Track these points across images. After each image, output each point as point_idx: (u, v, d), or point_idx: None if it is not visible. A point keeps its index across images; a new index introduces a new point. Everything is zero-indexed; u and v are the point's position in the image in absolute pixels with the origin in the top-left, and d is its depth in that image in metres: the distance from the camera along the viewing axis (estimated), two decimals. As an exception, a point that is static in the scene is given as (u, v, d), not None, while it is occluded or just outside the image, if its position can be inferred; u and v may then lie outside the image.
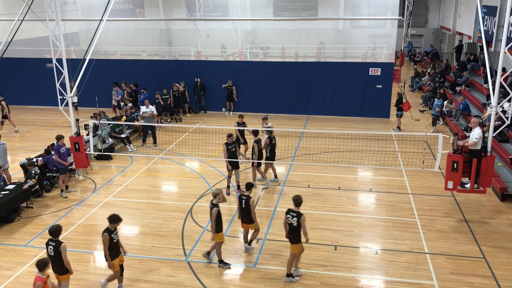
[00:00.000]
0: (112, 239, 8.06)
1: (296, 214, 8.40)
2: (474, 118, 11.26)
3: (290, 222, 8.48)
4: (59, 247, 7.66)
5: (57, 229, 7.79)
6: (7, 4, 28.51)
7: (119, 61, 24.78)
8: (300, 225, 8.39)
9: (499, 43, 13.89)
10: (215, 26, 30.22)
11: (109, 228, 8.09)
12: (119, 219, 8.14)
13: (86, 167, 13.81)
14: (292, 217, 8.44)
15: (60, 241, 7.76)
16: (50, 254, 7.75)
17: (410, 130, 18.57)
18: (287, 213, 8.54)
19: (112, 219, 8.10)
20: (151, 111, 17.26)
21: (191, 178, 14.17)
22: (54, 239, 7.76)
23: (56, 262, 7.75)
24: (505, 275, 9.00)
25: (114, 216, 8.14)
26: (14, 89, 23.64)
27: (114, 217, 8.13)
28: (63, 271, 7.82)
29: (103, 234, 8.02)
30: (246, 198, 9.33)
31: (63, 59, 13.44)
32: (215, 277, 9.08)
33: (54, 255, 7.72)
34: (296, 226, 8.42)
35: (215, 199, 8.99)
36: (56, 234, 7.75)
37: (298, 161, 15.27)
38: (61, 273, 7.83)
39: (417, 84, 27.23)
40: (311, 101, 21.43)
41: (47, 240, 7.83)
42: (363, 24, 31.82)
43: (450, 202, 12.20)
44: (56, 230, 7.77)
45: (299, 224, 8.38)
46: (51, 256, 7.76)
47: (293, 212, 8.45)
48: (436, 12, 38.12)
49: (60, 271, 7.82)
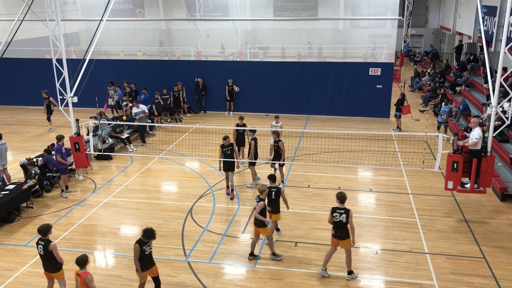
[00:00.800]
0: (143, 251, 7.77)
1: (344, 210, 8.53)
2: (474, 118, 11.26)
3: (338, 219, 8.55)
4: (48, 246, 7.66)
5: (46, 228, 7.75)
6: (7, 4, 28.53)
7: (119, 61, 24.78)
8: (348, 222, 8.54)
9: (499, 43, 13.89)
10: (215, 26, 30.24)
11: (142, 240, 7.78)
12: (153, 236, 7.78)
13: (86, 167, 13.82)
14: (340, 214, 8.53)
15: (49, 240, 7.75)
16: (40, 253, 7.79)
17: (410, 130, 18.57)
18: (333, 212, 8.60)
19: (146, 234, 7.73)
20: (143, 110, 17.34)
21: (191, 178, 14.17)
22: (43, 238, 7.74)
23: (47, 260, 7.78)
24: (505, 275, 9.00)
25: (150, 232, 7.75)
26: (14, 89, 23.66)
27: (149, 233, 7.74)
28: (55, 269, 7.86)
29: (134, 244, 7.74)
30: (276, 189, 9.59)
31: (63, 59, 13.44)
32: (215, 277, 9.09)
33: (44, 254, 7.73)
34: (345, 222, 8.54)
35: (262, 194, 9.28)
36: (44, 233, 7.73)
37: (298, 161, 15.26)
38: (53, 271, 7.87)
39: (417, 84, 27.24)
40: (311, 101, 21.44)
41: (37, 239, 7.84)
42: (363, 24, 31.82)
43: (450, 202, 12.20)
44: (44, 229, 7.73)
45: (347, 220, 8.52)
46: (41, 256, 7.79)
47: (340, 209, 8.55)
48: (436, 12, 38.12)
49: (52, 269, 7.86)
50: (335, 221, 8.61)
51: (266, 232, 9.37)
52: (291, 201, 12.27)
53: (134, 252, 7.76)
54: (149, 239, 7.77)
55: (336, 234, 8.71)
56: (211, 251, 9.95)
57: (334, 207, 8.66)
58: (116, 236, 10.79)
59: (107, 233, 10.88)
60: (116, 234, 10.87)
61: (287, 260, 9.56)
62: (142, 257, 7.80)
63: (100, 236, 10.81)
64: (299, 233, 10.67)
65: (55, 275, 7.96)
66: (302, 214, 11.59)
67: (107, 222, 11.43)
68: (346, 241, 8.70)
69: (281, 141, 12.88)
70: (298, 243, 10.22)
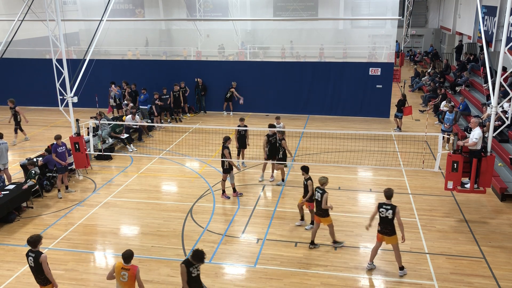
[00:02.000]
0: (190, 273, 7.17)
1: (391, 206, 8.61)
2: (474, 118, 11.26)
3: (384, 215, 8.64)
4: (39, 258, 7.32)
5: (36, 239, 7.39)
6: (7, 4, 28.52)
7: (119, 61, 24.78)
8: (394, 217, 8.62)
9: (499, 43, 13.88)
10: (215, 26, 30.22)
11: (189, 260, 7.21)
12: (202, 260, 7.19)
13: (86, 167, 13.82)
14: (386, 210, 8.61)
15: (40, 252, 7.42)
16: (31, 265, 7.44)
17: (410, 130, 18.57)
18: (379, 207, 8.70)
19: (196, 256, 7.18)
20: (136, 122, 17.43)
21: (191, 178, 14.17)
22: (33, 249, 7.40)
23: (38, 273, 7.45)
24: (505, 275, 9.00)
25: (200, 254, 7.18)
26: (14, 89, 23.63)
27: (198, 255, 7.18)
28: (46, 281, 7.51)
29: (181, 265, 7.21)
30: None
31: (63, 59, 13.44)
32: (215, 277, 9.09)
33: (34, 266, 7.40)
34: (391, 218, 8.63)
35: (323, 186, 9.67)
36: (35, 244, 7.37)
37: (298, 161, 15.26)
38: (44, 283, 7.53)
39: (417, 84, 27.24)
40: (311, 101, 21.44)
41: (27, 251, 7.49)
42: (363, 24, 31.80)
43: (450, 202, 12.20)
44: (34, 240, 7.37)
45: (393, 216, 8.60)
46: (32, 268, 7.46)
47: (387, 205, 8.64)
48: (436, 12, 38.11)
49: (43, 281, 7.52)
50: (381, 216, 8.70)
51: (328, 221, 9.75)
52: (291, 201, 12.29)
53: (181, 274, 7.18)
54: (197, 261, 7.19)
55: (382, 230, 8.82)
56: (211, 251, 9.96)
57: (381, 202, 8.77)
58: (116, 236, 10.79)
59: (107, 233, 10.88)
60: (116, 234, 10.87)
61: (287, 260, 9.56)
62: (190, 280, 7.22)
63: (100, 236, 10.81)
64: (299, 233, 10.68)
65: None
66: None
67: (107, 222, 11.43)
68: (392, 238, 8.79)
69: (284, 140, 12.99)
70: (298, 243, 10.22)
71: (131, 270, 7.12)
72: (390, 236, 8.80)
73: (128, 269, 7.14)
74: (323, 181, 9.72)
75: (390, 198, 8.72)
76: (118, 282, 7.21)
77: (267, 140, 13.18)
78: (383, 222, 8.76)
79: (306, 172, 10.47)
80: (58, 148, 12.75)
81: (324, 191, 9.61)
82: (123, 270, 7.15)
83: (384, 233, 8.82)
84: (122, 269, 7.15)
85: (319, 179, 9.74)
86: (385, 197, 8.75)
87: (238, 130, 14.39)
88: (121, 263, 7.19)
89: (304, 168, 10.53)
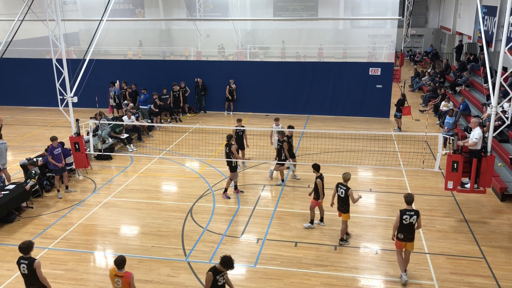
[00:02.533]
0: (216, 281, 6.80)
1: (414, 212, 8.40)
2: (474, 118, 11.26)
3: (409, 221, 8.36)
4: (32, 264, 7.15)
5: (28, 245, 7.21)
6: (7, 4, 28.52)
7: (119, 61, 24.78)
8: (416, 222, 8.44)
9: (499, 43, 13.88)
10: (215, 26, 30.21)
11: (216, 268, 6.82)
12: (231, 266, 6.80)
13: (86, 167, 13.82)
14: (410, 216, 8.36)
15: (33, 258, 7.27)
16: (24, 273, 7.22)
17: (410, 130, 18.57)
18: (402, 214, 8.37)
19: (225, 262, 6.76)
20: (132, 121, 17.38)
21: (191, 178, 14.17)
22: (25, 256, 7.21)
23: (32, 280, 7.24)
24: (505, 275, 9.00)
25: (229, 261, 6.77)
26: (14, 89, 23.65)
27: (228, 262, 6.76)
28: (41, 287, 7.31)
29: (207, 273, 6.83)
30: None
31: (63, 59, 13.44)
32: (215, 277, 9.08)
33: (28, 273, 7.19)
34: (414, 223, 8.43)
35: (346, 182, 9.78)
36: (27, 250, 7.20)
37: (298, 161, 15.24)
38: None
39: (417, 84, 27.24)
40: (311, 101, 21.44)
41: (18, 258, 7.28)
42: (363, 24, 31.80)
43: (450, 202, 12.20)
44: (27, 246, 7.19)
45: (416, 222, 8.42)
46: (25, 275, 7.25)
47: (410, 211, 8.39)
48: (436, 12, 38.10)
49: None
50: (405, 223, 8.36)
51: (347, 217, 9.96)
52: (291, 201, 12.30)
53: (206, 282, 6.82)
54: (226, 268, 6.81)
55: (405, 237, 8.47)
56: (211, 251, 9.96)
57: (403, 209, 8.44)
58: (116, 236, 10.79)
59: (107, 233, 10.88)
60: (116, 234, 10.87)
61: (287, 260, 9.56)
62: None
63: (100, 236, 10.81)
64: (299, 233, 10.67)
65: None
66: (302, 214, 11.59)
67: (107, 222, 11.43)
68: (413, 243, 8.58)
69: (285, 142, 12.96)
70: (298, 243, 10.22)
71: (125, 278, 6.94)
72: (411, 242, 8.54)
73: (121, 276, 6.95)
74: (348, 177, 9.78)
75: (411, 204, 8.46)
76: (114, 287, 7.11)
77: (287, 142, 13.07)
78: (406, 229, 8.42)
79: (317, 170, 10.52)
80: (54, 150, 12.70)
81: (347, 188, 9.71)
82: (116, 277, 6.98)
83: (408, 239, 8.49)
84: (116, 276, 6.98)
85: (344, 175, 9.80)
86: (406, 203, 8.46)
87: (236, 131, 14.38)
88: (115, 269, 7.00)
89: (315, 166, 10.57)
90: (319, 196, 10.50)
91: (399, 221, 8.43)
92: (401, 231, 8.47)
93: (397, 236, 8.58)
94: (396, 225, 8.52)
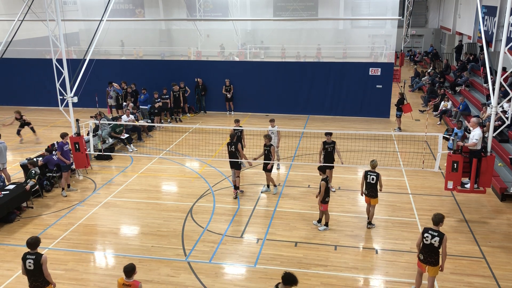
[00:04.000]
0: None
1: (438, 233, 7.73)
2: (473, 118, 11.26)
3: (429, 242, 7.75)
4: (39, 259, 7.23)
5: (36, 241, 7.33)
6: (7, 4, 28.53)
7: (119, 61, 24.78)
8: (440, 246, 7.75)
9: (499, 43, 13.87)
10: (215, 26, 30.23)
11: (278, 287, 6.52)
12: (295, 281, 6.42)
13: (86, 167, 13.82)
14: (432, 236, 7.73)
15: (40, 253, 7.35)
16: (29, 268, 7.27)
17: (410, 130, 18.57)
18: (424, 232, 7.84)
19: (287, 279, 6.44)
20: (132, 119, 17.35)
21: (191, 178, 14.17)
22: (32, 251, 7.30)
23: (36, 276, 7.31)
24: (505, 275, 9.00)
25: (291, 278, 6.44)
26: (14, 89, 23.65)
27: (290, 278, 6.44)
28: (43, 283, 7.41)
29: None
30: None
31: (63, 59, 13.43)
32: (215, 277, 9.09)
33: (34, 269, 7.25)
34: (437, 246, 7.75)
35: (374, 168, 10.40)
36: (34, 246, 7.30)
37: (298, 161, 15.26)
38: (42, 286, 7.41)
39: (417, 84, 27.24)
40: (311, 101, 21.43)
41: (24, 254, 7.36)
42: (363, 24, 31.82)
43: (450, 202, 12.20)
44: (34, 242, 7.30)
45: (439, 245, 7.72)
46: (30, 271, 7.29)
47: (434, 231, 7.76)
48: (436, 12, 38.10)
49: (41, 284, 7.40)
50: (426, 243, 7.79)
51: (377, 202, 10.58)
52: (291, 201, 12.29)
53: None
54: (289, 285, 6.48)
55: (425, 259, 7.89)
56: (211, 251, 9.96)
57: (427, 227, 7.89)
58: (116, 236, 10.79)
59: (107, 233, 10.88)
60: (116, 234, 10.87)
61: (287, 260, 9.57)
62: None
63: (100, 236, 10.81)
64: (299, 233, 10.68)
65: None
66: (302, 214, 11.59)
67: (107, 222, 11.43)
68: (435, 268, 7.89)
69: (273, 146, 12.51)
70: (298, 243, 10.22)
71: (133, 287, 6.90)
72: (434, 266, 7.86)
73: (129, 285, 6.90)
74: (375, 164, 10.39)
75: (437, 224, 7.79)
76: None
77: (323, 147, 12.45)
78: (426, 249, 7.81)
79: (323, 172, 10.53)
80: (64, 146, 12.79)
81: (377, 174, 10.29)
82: (124, 286, 6.93)
83: (428, 263, 7.86)
84: (124, 285, 6.93)
85: (372, 163, 10.41)
86: (432, 223, 7.86)
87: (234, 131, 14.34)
88: (123, 279, 6.96)
89: (321, 168, 10.61)
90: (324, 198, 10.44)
91: (421, 240, 7.91)
92: (422, 251, 7.94)
93: (418, 256, 8.09)
94: (418, 243, 8.01)
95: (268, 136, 12.56)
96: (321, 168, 10.58)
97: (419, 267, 8.19)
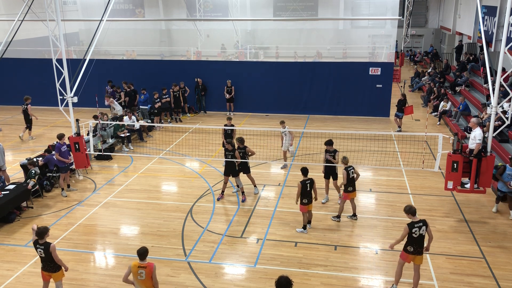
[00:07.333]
0: None
1: (422, 222, 7.96)
2: (473, 119, 11.27)
3: (419, 233, 7.93)
4: (48, 248, 7.68)
5: (43, 231, 7.70)
6: (7, 4, 28.51)
7: (119, 61, 24.78)
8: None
9: (499, 43, 13.87)
10: (215, 26, 30.22)
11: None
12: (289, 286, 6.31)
13: (86, 167, 13.81)
14: (419, 228, 7.92)
15: (48, 242, 7.74)
16: (41, 256, 7.78)
17: (410, 130, 18.57)
18: (411, 227, 7.91)
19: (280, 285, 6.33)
20: (133, 121, 17.32)
21: (191, 178, 14.17)
22: (41, 241, 7.71)
23: (48, 261, 7.81)
24: (505, 275, 9.00)
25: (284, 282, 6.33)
26: (14, 89, 23.64)
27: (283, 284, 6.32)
28: (55, 267, 7.85)
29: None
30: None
31: (63, 59, 13.44)
32: (215, 277, 9.09)
33: (45, 256, 7.75)
34: (425, 234, 8.04)
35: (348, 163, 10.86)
36: (42, 235, 7.68)
37: (298, 161, 15.26)
38: (54, 270, 7.86)
39: (417, 84, 27.24)
40: (311, 101, 21.43)
41: (34, 242, 7.78)
42: (363, 24, 31.79)
43: (450, 202, 12.20)
44: (41, 232, 7.68)
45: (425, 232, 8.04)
46: (43, 258, 7.79)
47: (418, 223, 7.95)
48: (436, 12, 38.11)
49: (53, 268, 7.85)
50: (415, 237, 7.93)
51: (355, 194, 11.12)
52: (291, 201, 12.29)
53: None
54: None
55: (416, 250, 8.05)
56: (211, 251, 9.96)
57: (410, 223, 7.98)
58: (116, 236, 10.79)
59: (107, 233, 10.88)
60: (116, 234, 10.87)
61: (287, 260, 9.57)
62: None
63: (100, 236, 10.81)
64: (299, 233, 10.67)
65: (54, 275, 7.91)
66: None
67: (107, 222, 11.43)
68: (421, 257, 8.17)
69: (247, 147, 12.31)
70: (298, 243, 10.22)
71: (148, 268, 7.23)
72: (421, 255, 8.13)
73: (145, 266, 7.22)
74: (347, 159, 10.95)
75: (415, 214, 8.00)
76: (136, 281, 7.29)
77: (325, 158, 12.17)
78: (417, 242, 7.98)
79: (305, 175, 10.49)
80: (61, 147, 12.80)
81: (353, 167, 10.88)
82: (140, 268, 7.24)
83: (418, 253, 8.09)
84: (139, 268, 7.24)
85: (344, 159, 10.89)
86: (410, 215, 8.01)
87: (224, 129, 14.35)
88: (137, 262, 7.27)
89: (303, 169, 10.53)
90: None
91: (404, 236, 8.02)
92: (412, 244, 8.04)
93: (406, 249, 8.15)
94: (400, 240, 8.14)
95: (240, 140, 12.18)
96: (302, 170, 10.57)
97: (404, 260, 8.27)
